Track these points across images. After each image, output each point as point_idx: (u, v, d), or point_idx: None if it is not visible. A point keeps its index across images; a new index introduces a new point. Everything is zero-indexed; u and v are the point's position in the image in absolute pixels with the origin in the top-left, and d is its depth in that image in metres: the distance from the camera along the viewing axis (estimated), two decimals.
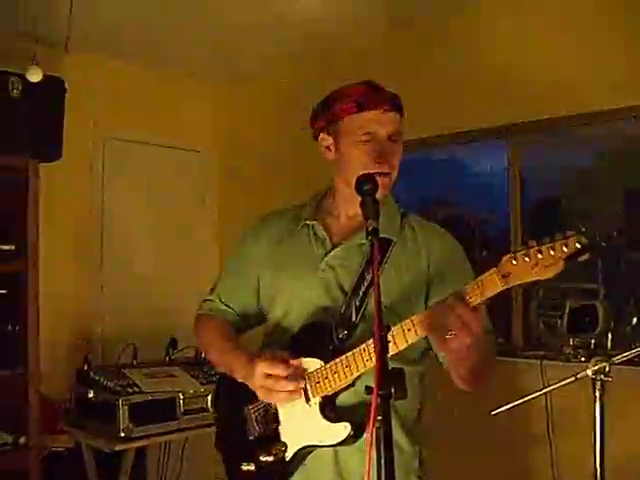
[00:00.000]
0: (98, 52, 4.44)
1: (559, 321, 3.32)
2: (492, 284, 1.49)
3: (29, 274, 3.52)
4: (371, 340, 1.60)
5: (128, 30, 4.13)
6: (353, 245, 1.86)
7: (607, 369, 1.97)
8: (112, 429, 3.34)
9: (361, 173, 1.75)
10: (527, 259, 1.43)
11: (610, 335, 3.32)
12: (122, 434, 3.31)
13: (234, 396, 1.88)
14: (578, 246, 1.38)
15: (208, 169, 5.28)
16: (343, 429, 1.68)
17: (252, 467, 1.80)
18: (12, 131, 3.50)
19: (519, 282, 1.47)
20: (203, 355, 3.94)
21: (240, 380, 1.83)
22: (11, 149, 3.50)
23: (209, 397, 3.59)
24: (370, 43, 4.27)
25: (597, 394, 1.98)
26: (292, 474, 1.79)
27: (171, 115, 4.97)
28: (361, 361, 1.66)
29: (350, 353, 1.69)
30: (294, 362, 1.74)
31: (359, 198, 1.67)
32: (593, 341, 3.32)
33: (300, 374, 1.74)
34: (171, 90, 4.99)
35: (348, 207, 1.92)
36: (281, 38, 4.29)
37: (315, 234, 1.93)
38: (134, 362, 3.82)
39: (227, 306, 2.05)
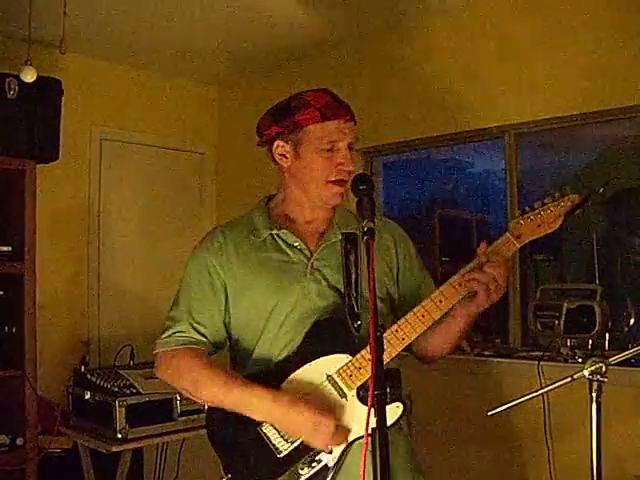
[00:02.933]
0: (95, 53, 4.46)
1: (556, 322, 3.31)
2: (510, 245, 1.76)
3: (26, 275, 3.51)
4: (401, 320, 1.75)
5: (125, 30, 4.13)
6: (328, 244, 1.89)
7: (604, 370, 1.97)
8: (109, 430, 3.34)
9: (322, 184, 1.85)
10: (530, 220, 1.75)
11: (607, 336, 3.32)
12: (119, 435, 3.30)
13: (239, 422, 1.79)
14: (572, 203, 1.72)
15: (206, 170, 5.28)
16: (396, 408, 1.69)
17: None
18: (9, 132, 3.49)
19: (530, 239, 1.76)
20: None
21: (260, 419, 1.75)
22: (8, 150, 3.50)
23: None
24: (370, 44, 4.28)
25: (593, 394, 1.98)
26: (334, 476, 1.74)
27: (168, 116, 4.98)
28: (396, 341, 1.74)
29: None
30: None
31: (354, 198, 1.71)
32: (590, 342, 3.31)
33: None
34: (168, 91, 5.00)
35: (305, 212, 1.94)
36: (282, 39, 4.30)
37: (286, 242, 1.90)
38: (131, 363, 3.81)
39: (201, 334, 1.89)
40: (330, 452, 1.73)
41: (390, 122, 4.13)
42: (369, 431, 1.43)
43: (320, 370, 1.76)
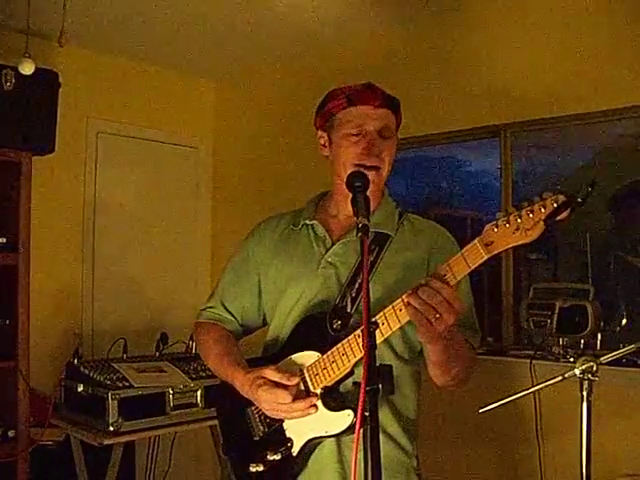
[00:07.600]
0: (92, 46, 4.45)
1: (549, 321, 3.32)
2: (476, 253, 1.47)
3: (20, 267, 3.52)
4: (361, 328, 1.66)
5: (122, 24, 4.12)
6: (351, 241, 1.87)
7: (594, 369, 1.98)
8: (101, 423, 3.34)
9: (350, 167, 1.81)
10: (507, 225, 1.42)
11: (599, 335, 3.33)
12: (111, 428, 3.30)
13: (235, 399, 1.87)
14: (555, 205, 1.36)
15: (202, 165, 5.28)
16: (347, 416, 1.68)
17: (260, 467, 1.80)
18: (5, 124, 3.49)
19: (503, 248, 1.46)
20: (194, 350, 3.95)
21: (240, 391, 1.83)
22: (4, 142, 3.50)
23: (199, 392, 3.60)
24: (368, 42, 4.28)
25: (584, 393, 1.99)
26: (300, 470, 1.80)
27: (165, 110, 4.97)
28: (357, 347, 1.65)
29: (345, 340, 1.69)
30: (293, 380, 1.73)
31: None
32: (582, 341, 3.33)
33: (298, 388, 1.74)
34: (165, 85, 4.99)
35: (347, 205, 1.88)
36: (281, 35, 4.29)
37: (315, 233, 1.95)
38: (124, 356, 3.81)
39: (229, 312, 2.06)
40: (291, 446, 1.78)
41: None
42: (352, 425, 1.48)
43: (296, 364, 1.80)
